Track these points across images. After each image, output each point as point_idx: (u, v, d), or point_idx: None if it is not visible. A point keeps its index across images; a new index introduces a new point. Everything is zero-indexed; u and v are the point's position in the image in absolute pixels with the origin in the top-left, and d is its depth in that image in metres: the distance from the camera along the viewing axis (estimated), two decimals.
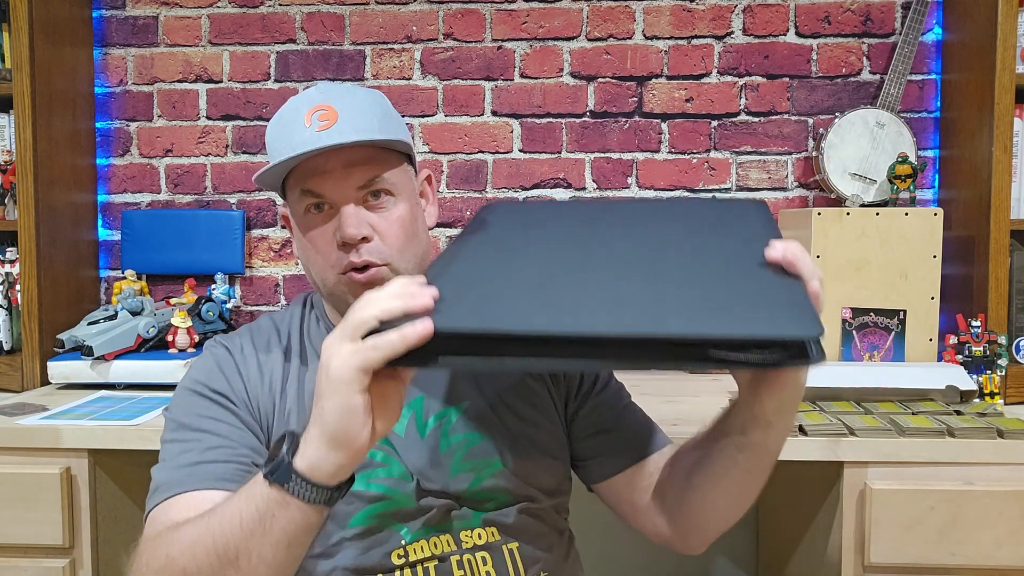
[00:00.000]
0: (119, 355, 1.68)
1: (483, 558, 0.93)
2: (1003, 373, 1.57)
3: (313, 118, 0.91)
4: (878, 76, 1.92)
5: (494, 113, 1.99)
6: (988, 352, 1.56)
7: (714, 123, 1.96)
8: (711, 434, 0.87)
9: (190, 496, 0.86)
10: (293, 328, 1.02)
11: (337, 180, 0.92)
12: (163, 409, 0.98)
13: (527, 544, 0.96)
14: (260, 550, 0.72)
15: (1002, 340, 1.57)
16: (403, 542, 0.92)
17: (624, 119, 1.97)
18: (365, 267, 0.93)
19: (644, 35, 1.96)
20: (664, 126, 1.97)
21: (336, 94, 0.94)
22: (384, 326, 0.65)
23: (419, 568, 0.91)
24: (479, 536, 0.94)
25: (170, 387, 1.66)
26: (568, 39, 1.97)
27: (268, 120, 2.00)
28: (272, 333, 1.02)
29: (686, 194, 1.97)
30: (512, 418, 0.99)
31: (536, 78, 1.98)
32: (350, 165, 0.92)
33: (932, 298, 1.63)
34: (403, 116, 2.00)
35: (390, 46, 1.99)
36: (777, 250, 0.70)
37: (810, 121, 1.94)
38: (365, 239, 0.92)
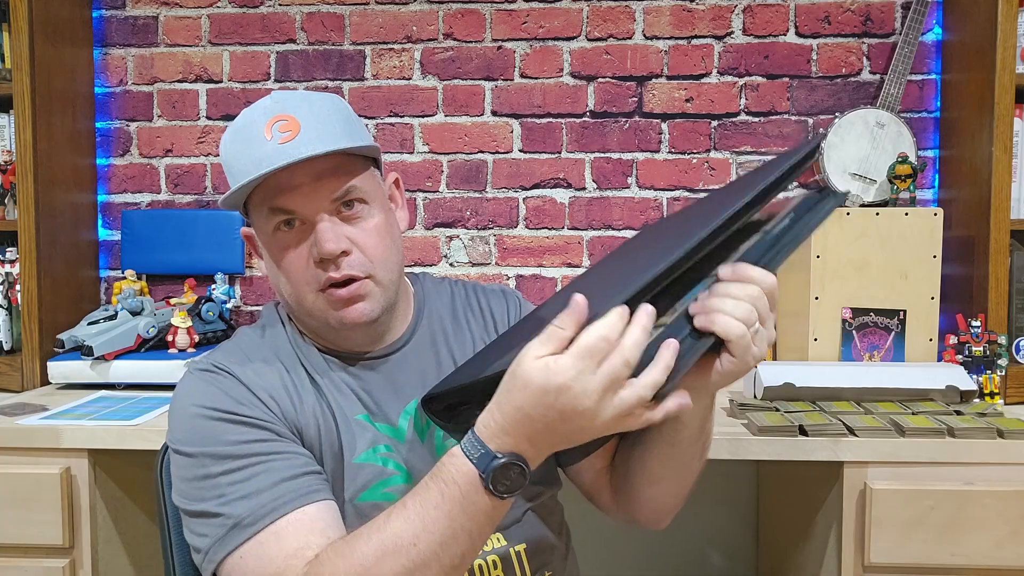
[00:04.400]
0: (119, 355, 1.68)
1: (494, 562, 0.93)
2: (1003, 373, 1.57)
3: (273, 130, 0.86)
4: (878, 76, 1.92)
5: (494, 113, 1.99)
6: (988, 352, 1.56)
7: (714, 123, 1.96)
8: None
9: (299, 514, 0.81)
10: (284, 347, 0.96)
11: (307, 194, 0.87)
12: (172, 447, 0.88)
13: (533, 546, 0.96)
14: (474, 554, 0.77)
15: (1002, 340, 1.57)
16: None
17: (624, 119, 1.97)
18: (346, 282, 0.89)
19: (644, 35, 1.96)
20: (664, 126, 1.97)
21: (293, 103, 0.88)
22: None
23: None
24: (487, 543, 0.92)
25: (170, 387, 1.67)
26: (568, 39, 1.97)
27: None
28: (266, 352, 0.94)
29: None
30: None
31: (536, 78, 1.98)
32: (319, 177, 0.87)
33: (932, 298, 1.63)
34: (403, 116, 2.02)
35: (390, 46, 1.99)
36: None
37: (810, 121, 1.94)
38: (344, 253, 0.88)
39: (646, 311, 0.68)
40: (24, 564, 1.42)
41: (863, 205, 1.75)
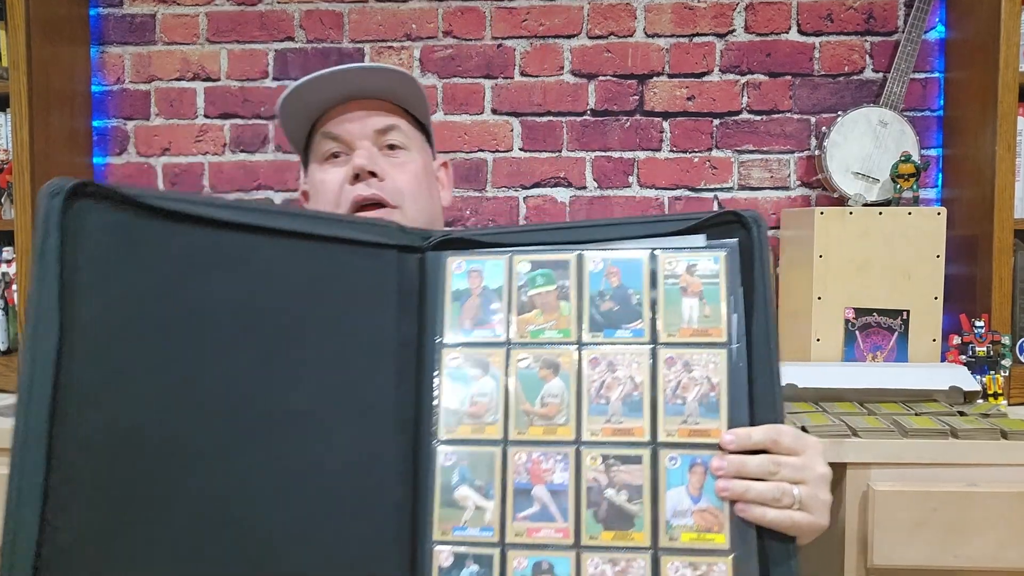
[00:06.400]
0: None
1: None
2: (1007, 374, 1.56)
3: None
4: (881, 74, 1.91)
5: (494, 111, 1.98)
6: (992, 352, 1.55)
7: (716, 122, 1.95)
8: None
9: None
10: None
11: (356, 121, 0.96)
12: None
13: None
14: None
15: (1006, 340, 1.56)
16: None
17: (625, 118, 1.96)
18: (375, 205, 0.94)
19: (645, 33, 1.95)
20: (665, 125, 1.96)
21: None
22: None
23: None
24: None
25: None
26: (569, 37, 1.96)
27: (266, 119, 2.00)
28: None
29: (687, 196, 1.96)
30: None
31: (536, 76, 1.97)
32: (369, 111, 0.97)
33: (935, 298, 1.62)
34: None
35: (389, 44, 1.98)
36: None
37: (812, 120, 1.93)
38: (375, 175, 0.94)
39: None
40: None
41: (866, 204, 1.74)
